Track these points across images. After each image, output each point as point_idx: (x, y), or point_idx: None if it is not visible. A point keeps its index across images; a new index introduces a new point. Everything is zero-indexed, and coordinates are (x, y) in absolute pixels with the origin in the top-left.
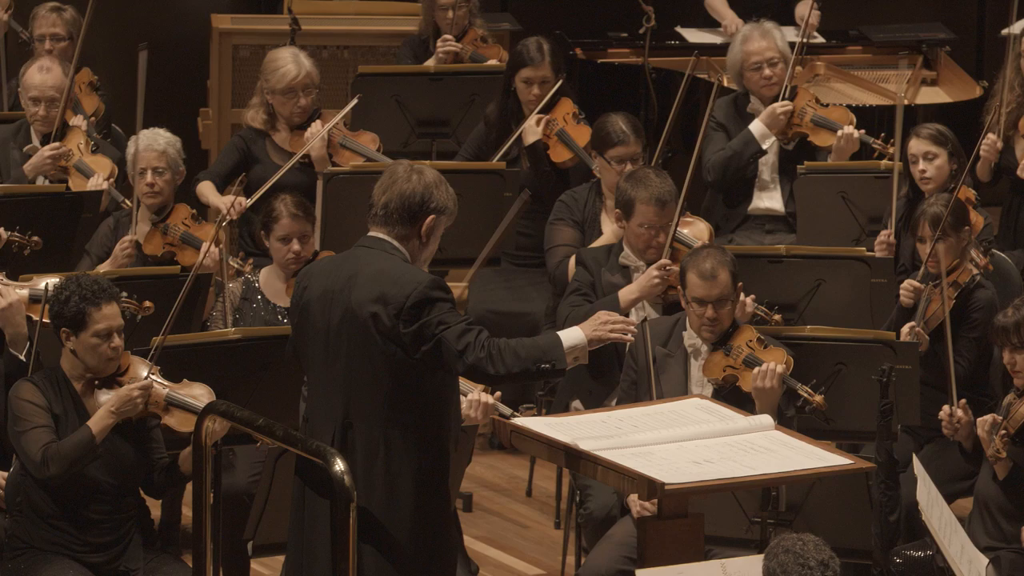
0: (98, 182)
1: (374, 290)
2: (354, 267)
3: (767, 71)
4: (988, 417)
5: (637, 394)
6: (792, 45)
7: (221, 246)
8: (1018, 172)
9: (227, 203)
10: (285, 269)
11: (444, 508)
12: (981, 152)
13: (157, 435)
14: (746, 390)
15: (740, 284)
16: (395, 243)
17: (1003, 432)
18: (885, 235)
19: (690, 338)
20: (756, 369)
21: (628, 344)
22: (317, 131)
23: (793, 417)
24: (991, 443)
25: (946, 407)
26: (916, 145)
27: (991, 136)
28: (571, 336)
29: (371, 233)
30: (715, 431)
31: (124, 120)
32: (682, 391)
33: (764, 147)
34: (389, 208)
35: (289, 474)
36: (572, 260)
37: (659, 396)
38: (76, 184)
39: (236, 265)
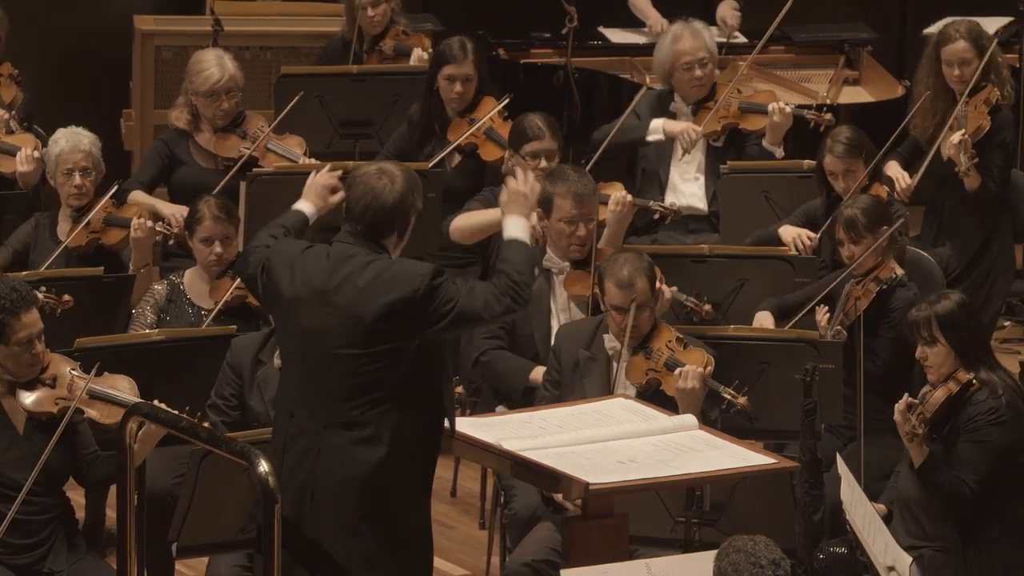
0: (27, 154)
1: (380, 295)
2: (350, 270)
3: (698, 72)
4: (903, 401)
5: (560, 395)
6: (718, 46)
7: (144, 219)
8: (950, 148)
9: (174, 212)
10: (208, 271)
11: (428, 494)
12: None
13: (83, 430)
14: (669, 394)
15: (659, 287)
16: (378, 245)
17: (919, 413)
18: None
19: (611, 341)
20: (678, 371)
21: (552, 344)
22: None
23: (717, 419)
24: (907, 422)
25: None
26: (833, 163)
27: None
28: (513, 225)
29: (352, 236)
30: (639, 431)
31: (45, 120)
32: (605, 392)
33: (648, 139)
34: (375, 220)
35: (213, 475)
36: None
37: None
38: (3, 164)
39: (164, 229)
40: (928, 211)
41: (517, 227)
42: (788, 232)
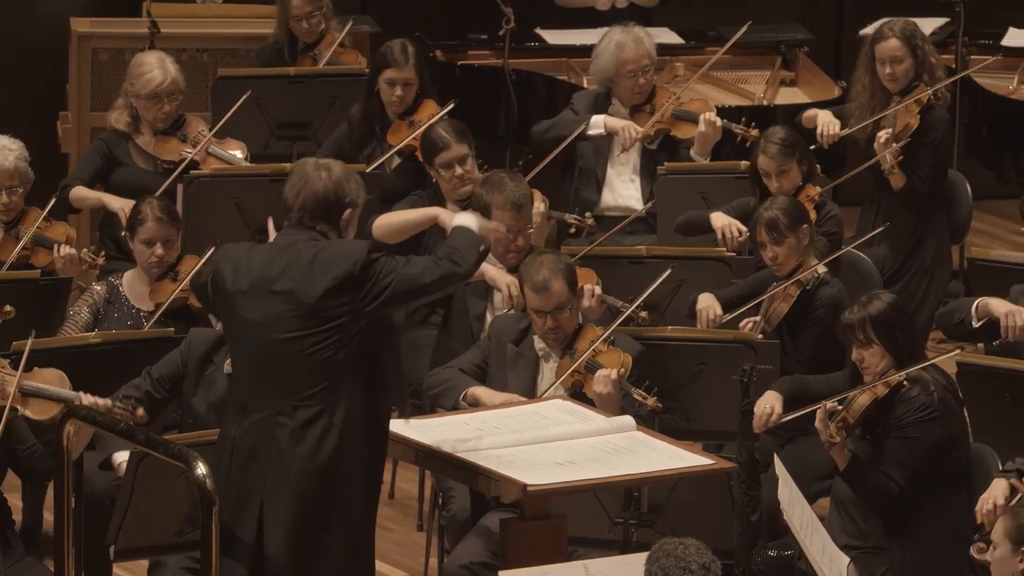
0: None
1: (320, 275)
2: (290, 258)
3: (641, 80)
4: (824, 408)
5: (483, 378)
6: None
7: (70, 248)
8: (876, 146)
9: (123, 206)
10: (148, 272)
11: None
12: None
13: (18, 426)
14: (590, 396)
15: (582, 286)
16: (316, 232)
17: (839, 421)
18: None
19: (540, 341)
20: (595, 375)
21: (487, 331)
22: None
23: (654, 420)
24: (825, 429)
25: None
26: (767, 162)
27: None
28: (467, 221)
29: (290, 228)
30: (577, 432)
31: None
32: (529, 391)
33: (589, 134)
34: (306, 208)
35: (151, 478)
36: None
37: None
38: None
39: (89, 259)
40: (865, 210)
41: (466, 218)
42: (720, 219)
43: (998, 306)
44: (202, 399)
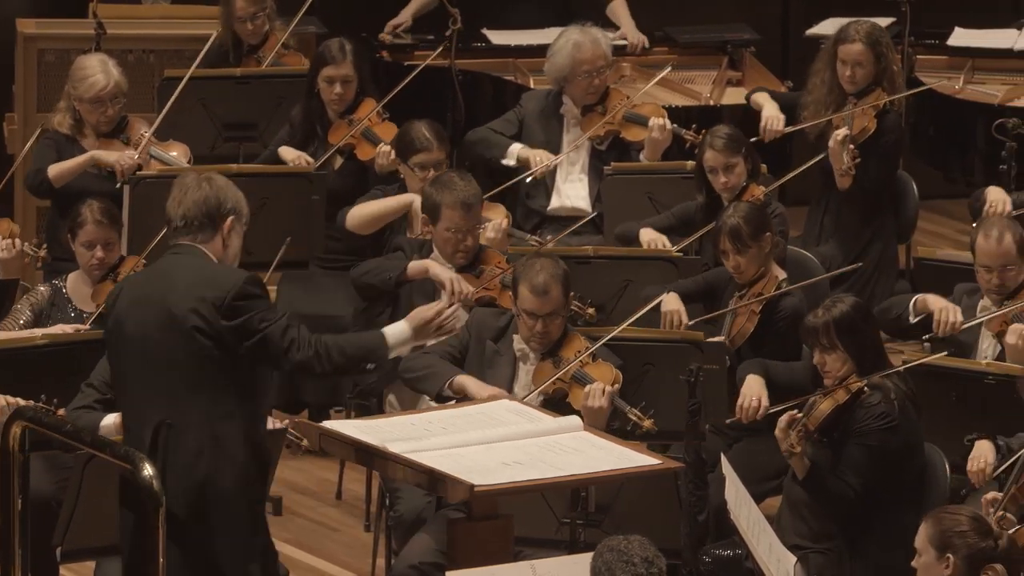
0: None
1: (193, 292)
2: (168, 274)
3: (596, 81)
4: (785, 418)
5: (461, 367)
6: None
7: (12, 240)
8: (832, 144)
9: (118, 159)
10: (90, 274)
11: (263, 499)
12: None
13: None
14: (575, 407)
15: (572, 294)
16: (202, 248)
17: (800, 429)
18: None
19: (520, 342)
20: (588, 388)
21: (467, 323)
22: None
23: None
24: (786, 439)
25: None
26: (714, 157)
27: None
28: (397, 334)
29: (171, 249)
30: (524, 432)
31: None
32: (505, 390)
33: (503, 162)
34: (188, 217)
35: (98, 479)
36: None
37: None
38: None
39: (31, 252)
40: (812, 209)
41: (400, 334)
42: (646, 235)
43: (934, 302)
44: None
